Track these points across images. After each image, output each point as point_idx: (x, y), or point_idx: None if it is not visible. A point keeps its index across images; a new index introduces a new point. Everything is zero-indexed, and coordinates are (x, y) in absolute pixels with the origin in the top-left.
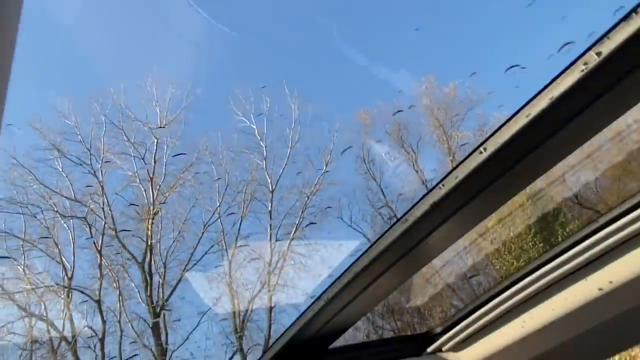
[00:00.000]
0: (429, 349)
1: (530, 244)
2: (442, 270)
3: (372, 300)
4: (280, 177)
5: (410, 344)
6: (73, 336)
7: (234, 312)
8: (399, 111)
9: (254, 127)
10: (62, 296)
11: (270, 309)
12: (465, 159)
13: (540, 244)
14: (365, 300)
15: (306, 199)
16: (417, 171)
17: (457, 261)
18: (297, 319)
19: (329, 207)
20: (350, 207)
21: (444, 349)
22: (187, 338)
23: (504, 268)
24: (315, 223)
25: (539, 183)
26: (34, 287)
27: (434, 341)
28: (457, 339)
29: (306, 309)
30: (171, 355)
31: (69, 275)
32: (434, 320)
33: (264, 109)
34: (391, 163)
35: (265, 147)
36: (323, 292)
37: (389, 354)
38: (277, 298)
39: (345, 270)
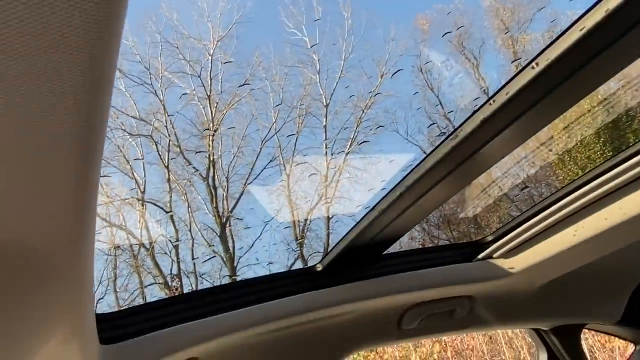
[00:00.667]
0: (480, 256)
1: (598, 153)
2: (501, 181)
3: (423, 211)
4: (334, 91)
5: (461, 250)
6: (150, 243)
7: (294, 222)
8: (448, 32)
9: (306, 39)
10: (138, 208)
11: (328, 218)
12: (516, 74)
13: (610, 153)
14: (416, 211)
15: (361, 112)
16: (478, 79)
17: (517, 172)
18: (353, 227)
19: (380, 125)
20: (407, 119)
21: (494, 255)
22: (252, 245)
23: (568, 178)
24: (368, 141)
25: (612, 85)
26: (111, 199)
27: (486, 248)
28: (508, 247)
29: (361, 219)
30: (239, 260)
31: (142, 189)
32: (490, 230)
33: (316, 19)
34: (450, 71)
35: (318, 60)
36: (376, 204)
37: (440, 260)
38: (335, 209)
39: (397, 184)
